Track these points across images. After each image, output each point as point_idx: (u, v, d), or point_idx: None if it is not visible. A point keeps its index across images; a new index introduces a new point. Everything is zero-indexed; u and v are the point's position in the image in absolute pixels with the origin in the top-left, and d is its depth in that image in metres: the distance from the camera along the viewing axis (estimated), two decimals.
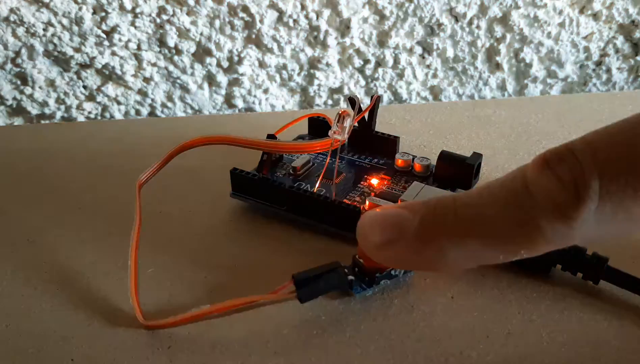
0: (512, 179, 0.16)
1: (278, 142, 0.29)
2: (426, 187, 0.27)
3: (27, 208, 0.30)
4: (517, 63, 0.48)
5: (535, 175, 0.16)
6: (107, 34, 0.41)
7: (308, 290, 0.22)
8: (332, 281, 0.23)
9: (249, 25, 0.42)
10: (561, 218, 0.15)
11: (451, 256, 0.17)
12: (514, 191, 0.16)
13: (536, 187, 0.16)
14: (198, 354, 0.22)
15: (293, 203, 0.28)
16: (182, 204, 0.30)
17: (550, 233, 0.16)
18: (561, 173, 0.15)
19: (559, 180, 0.15)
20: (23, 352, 0.22)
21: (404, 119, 0.40)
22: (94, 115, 0.45)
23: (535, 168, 0.16)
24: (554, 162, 0.16)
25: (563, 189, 0.15)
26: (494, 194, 0.16)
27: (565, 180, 0.15)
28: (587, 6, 0.46)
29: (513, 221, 0.16)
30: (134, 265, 0.24)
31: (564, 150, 0.16)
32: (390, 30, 0.44)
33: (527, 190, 0.16)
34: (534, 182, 0.16)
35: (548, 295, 0.24)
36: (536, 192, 0.16)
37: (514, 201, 0.16)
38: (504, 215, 0.16)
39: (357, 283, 0.24)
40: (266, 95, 0.46)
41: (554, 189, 0.15)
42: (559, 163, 0.15)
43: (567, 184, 0.15)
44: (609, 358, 0.21)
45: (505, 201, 0.16)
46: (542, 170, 0.16)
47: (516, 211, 0.16)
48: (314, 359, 0.22)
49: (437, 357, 0.22)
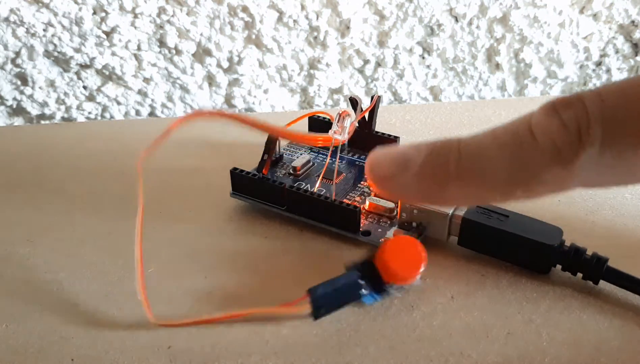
0: (517, 123, 0.17)
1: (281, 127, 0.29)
2: None
3: (27, 208, 0.30)
4: (517, 63, 0.48)
5: (541, 118, 0.16)
6: (107, 34, 0.41)
7: (323, 308, 0.22)
8: (348, 297, 0.23)
9: (249, 26, 0.42)
10: (560, 161, 0.16)
11: (450, 193, 0.18)
12: (516, 134, 0.16)
13: (539, 130, 0.16)
14: (198, 354, 0.22)
15: (293, 203, 0.28)
16: (182, 204, 0.30)
17: (548, 176, 0.16)
18: (566, 118, 0.15)
19: (563, 124, 0.15)
20: (23, 352, 0.22)
21: (404, 119, 0.40)
22: (94, 115, 0.45)
23: (541, 112, 0.16)
24: (561, 107, 0.16)
25: (566, 133, 0.15)
26: (497, 136, 0.17)
27: (569, 125, 0.15)
28: (587, 6, 0.46)
29: (512, 163, 0.16)
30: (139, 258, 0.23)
31: (573, 97, 0.16)
32: (390, 30, 0.44)
33: (530, 133, 0.16)
34: (538, 125, 0.16)
35: (548, 295, 0.24)
36: (539, 135, 0.16)
37: (516, 143, 0.16)
38: (504, 155, 0.16)
39: (368, 292, 0.23)
40: (266, 95, 0.46)
41: (556, 132, 0.16)
42: (566, 109, 0.16)
43: (570, 128, 0.15)
44: (609, 358, 0.21)
45: (507, 143, 0.17)
46: (548, 114, 0.16)
47: (516, 153, 0.16)
48: (314, 359, 0.22)
49: (437, 357, 0.22)
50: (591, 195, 0.31)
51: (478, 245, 0.26)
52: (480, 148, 0.17)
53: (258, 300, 0.24)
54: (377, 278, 0.23)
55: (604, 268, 0.24)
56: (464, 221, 0.26)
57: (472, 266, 0.26)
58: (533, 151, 0.16)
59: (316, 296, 0.22)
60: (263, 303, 0.24)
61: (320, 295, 0.22)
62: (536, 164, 0.16)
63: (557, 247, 0.24)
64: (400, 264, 0.23)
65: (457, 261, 0.26)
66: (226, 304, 0.24)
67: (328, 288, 0.22)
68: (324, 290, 0.22)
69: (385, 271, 0.23)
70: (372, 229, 0.27)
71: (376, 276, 0.23)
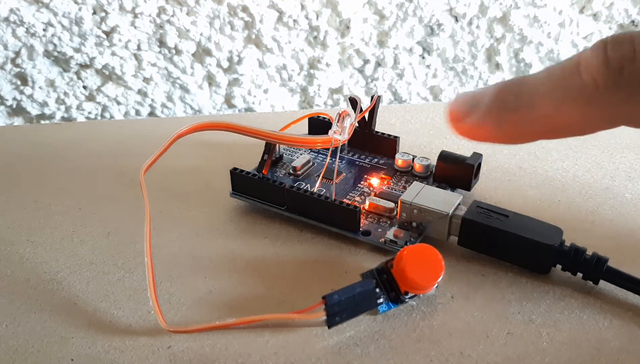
0: (570, 60, 0.17)
1: (281, 133, 0.29)
2: (426, 187, 0.27)
3: (26, 208, 0.30)
4: (517, 63, 0.48)
5: (589, 54, 0.17)
6: (107, 34, 0.41)
7: (338, 317, 0.22)
8: (364, 305, 0.22)
9: (249, 25, 0.42)
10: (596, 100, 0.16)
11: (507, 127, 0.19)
12: (566, 69, 0.17)
13: (584, 67, 0.17)
14: (198, 354, 0.22)
15: (293, 203, 0.28)
16: (182, 204, 0.30)
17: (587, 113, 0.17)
18: (612, 56, 0.16)
19: (607, 62, 0.16)
20: (23, 352, 0.22)
21: (404, 119, 0.40)
22: (94, 115, 0.45)
23: (592, 48, 0.17)
24: (611, 46, 0.16)
25: (607, 71, 0.16)
26: (551, 72, 0.18)
27: (612, 63, 0.16)
28: (587, 6, 0.46)
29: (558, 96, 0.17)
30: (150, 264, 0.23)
31: (624, 36, 0.16)
32: (390, 30, 0.44)
33: (576, 69, 0.17)
34: (585, 61, 0.17)
35: (548, 295, 0.24)
36: (583, 72, 0.17)
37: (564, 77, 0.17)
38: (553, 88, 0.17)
39: (383, 297, 0.23)
40: (266, 95, 0.46)
41: (598, 70, 0.16)
42: (614, 47, 0.16)
43: (612, 66, 0.16)
44: (609, 358, 0.21)
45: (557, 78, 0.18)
46: (597, 51, 0.16)
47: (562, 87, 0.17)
48: (314, 359, 0.22)
49: (437, 357, 0.22)
50: (591, 195, 0.31)
51: (478, 245, 0.26)
52: (535, 83, 0.18)
53: (258, 300, 0.24)
54: (393, 286, 0.23)
55: (604, 268, 0.24)
56: (464, 221, 0.26)
57: (472, 266, 0.26)
58: (576, 86, 0.17)
59: (331, 304, 0.21)
60: (263, 304, 0.24)
61: (335, 302, 0.21)
62: (577, 99, 0.17)
63: (557, 247, 0.24)
64: (418, 273, 0.22)
65: (457, 261, 0.26)
66: (226, 305, 0.24)
67: (344, 296, 0.22)
68: (340, 298, 0.21)
69: (403, 280, 0.23)
70: (372, 229, 0.27)
71: (393, 284, 0.23)
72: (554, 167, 0.34)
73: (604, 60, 0.16)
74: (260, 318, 0.22)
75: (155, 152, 0.27)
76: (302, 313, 0.22)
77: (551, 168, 0.34)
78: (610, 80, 0.16)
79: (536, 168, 0.34)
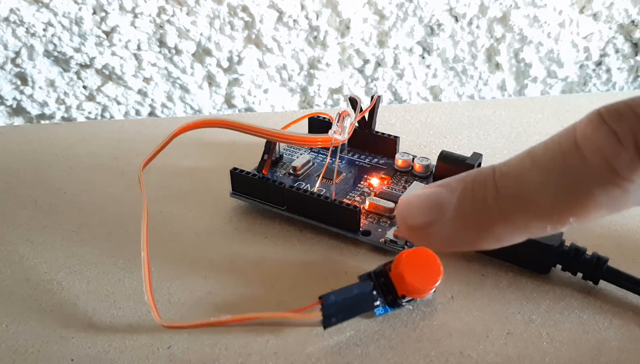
0: (558, 140, 0.15)
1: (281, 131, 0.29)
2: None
3: (27, 208, 0.30)
4: (517, 63, 0.48)
5: (588, 132, 0.14)
6: (107, 34, 0.41)
7: (334, 318, 0.21)
8: (360, 307, 0.22)
9: (249, 25, 0.42)
10: (617, 180, 0.14)
11: (495, 233, 0.16)
12: (561, 153, 0.14)
13: (589, 146, 0.14)
14: (198, 354, 0.22)
15: (293, 203, 0.28)
16: (182, 204, 0.30)
17: (603, 198, 0.14)
18: (619, 130, 0.13)
19: (617, 138, 0.13)
20: (23, 352, 0.22)
21: (404, 119, 0.40)
22: (94, 115, 0.45)
23: (588, 124, 0.14)
24: (612, 118, 0.14)
25: (621, 147, 0.13)
26: (538, 159, 0.15)
27: (623, 138, 0.13)
28: (587, 6, 0.46)
29: (561, 188, 0.14)
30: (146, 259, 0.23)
31: (623, 106, 0.14)
32: (390, 30, 0.44)
33: (577, 151, 0.14)
34: (587, 140, 0.14)
35: (548, 295, 0.24)
36: (588, 152, 0.14)
37: (562, 164, 0.14)
38: (550, 181, 0.14)
39: (380, 300, 0.23)
40: (266, 95, 0.46)
41: (610, 148, 0.14)
42: (618, 120, 0.14)
43: (625, 142, 0.13)
44: (609, 358, 0.21)
45: (551, 166, 0.14)
46: (598, 126, 0.14)
47: (564, 176, 0.14)
48: (314, 359, 0.22)
49: (437, 357, 0.22)
50: None
51: None
52: (520, 175, 0.15)
53: (258, 300, 0.24)
54: (391, 290, 0.23)
55: (604, 268, 0.24)
56: None
57: (472, 266, 0.26)
58: (583, 171, 0.14)
59: (328, 305, 0.21)
60: (263, 304, 0.24)
61: (332, 303, 0.21)
62: (588, 186, 0.14)
63: (557, 247, 0.24)
64: (416, 277, 0.22)
65: (457, 261, 0.26)
66: (226, 304, 0.24)
67: (340, 297, 0.21)
68: (337, 299, 0.21)
69: (401, 284, 0.22)
70: (372, 229, 0.27)
71: (390, 288, 0.23)
72: None
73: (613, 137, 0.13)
74: (256, 316, 0.22)
75: (155, 148, 0.27)
76: (298, 313, 0.22)
77: None
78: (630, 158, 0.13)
79: None
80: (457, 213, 0.16)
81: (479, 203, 0.16)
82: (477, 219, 0.16)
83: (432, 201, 0.16)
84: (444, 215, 0.16)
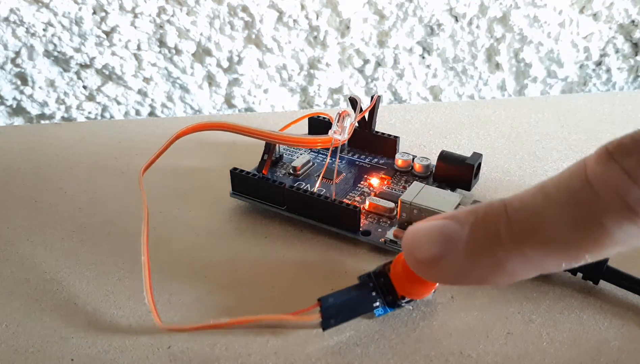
0: (569, 176, 0.15)
1: (280, 133, 0.29)
2: (426, 187, 0.27)
3: (27, 208, 0.30)
4: (517, 63, 0.48)
5: (599, 169, 0.14)
6: (107, 34, 0.41)
7: (333, 320, 0.21)
8: (359, 309, 0.22)
9: (249, 25, 0.42)
10: (631, 217, 0.14)
11: (508, 268, 0.15)
12: (573, 190, 0.15)
13: (600, 183, 0.14)
14: (198, 354, 0.22)
15: (293, 203, 0.28)
16: (182, 204, 0.30)
17: (618, 234, 0.14)
18: (629, 166, 0.14)
19: (627, 174, 0.14)
20: (23, 352, 0.22)
21: (404, 119, 0.40)
22: (94, 115, 0.45)
23: (598, 161, 0.14)
24: (620, 154, 0.14)
25: (632, 184, 0.14)
26: (550, 194, 0.15)
27: (634, 174, 0.14)
28: (587, 6, 0.46)
29: (575, 224, 0.14)
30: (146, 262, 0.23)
31: (630, 141, 0.14)
32: (390, 30, 0.44)
33: (589, 187, 0.14)
34: (597, 177, 0.14)
35: (548, 295, 0.24)
36: (600, 188, 0.14)
37: (575, 200, 0.14)
38: (564, 217, 0.15)
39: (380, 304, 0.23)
40: (266, 94, 0.46)
41: (621, 184, 0.14)
42: (626, 156, 0.14)
43: (636, 178, 0.14)
44: (609, 358, 0.21)
45: (565, 202, 0.15)
46: (607, 163, 0.14)
47: (578, 212, 0.14)
48: (314, 359, 0.22)
49: (437, 357, 0.22)
50: None
51: None
52: (534, 210, 0.15)
53: (258, 300, 0.24)
54: (390, 290, 0.22)
55: (604, 268, 0.24)
56: None
57: None
58: (596, 208, 0.14)
59: (327, 306, 0.21)
60: (263, 304, 0.24)
61: (331, 305, 0.21)
62: (603, 222, 0.14)
63: None
64: (416, 278, 0.21)
65: None
66: (226, 304, 0.24)
67: (339, 299, 0.21)
68: (335, 301, 0.21)
69: (400, 285, 0.22)
70: (372, 229, 0.27)
71: (390, 288, 0.22)
72: (554, 167, 0.34)
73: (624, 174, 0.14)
74: (255, 319, 0.22)
75: (155, 152, 0.27)
76: (296, 315, 0.22)
77: (551, 168, 0.34)
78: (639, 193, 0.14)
79: (536, 168, 0.34)
80: (469, 246, 0.16)
81: (492, 237, 0.15)
82: (490, 254, 0.15)
83: (442, 233, 0.16)
84: (454, 248, 0.16)
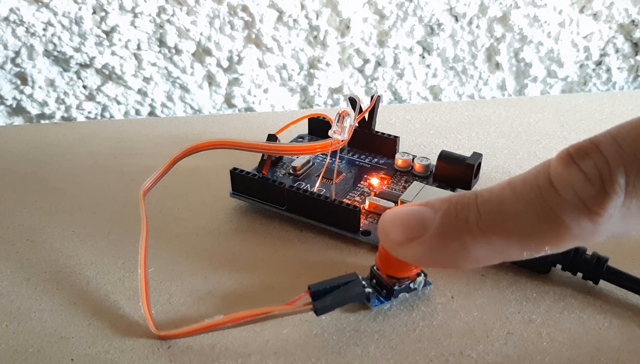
0: (535, 175, 0.16)
1: (279, 144, 0.29)
2: (426, 187, 0.27)
3: (27, 208, 0.30)
4: (517, 63, 0.48)
5: (560, 170, 0.16)
6: (107, 33, 0.41)
7: (325, 302, 0.22)
8: (349, 293, 0.22)
9: (249, 25, 0.42)
10: (587, 214, 0.15)
11: (474, 253, 0.17)
12: (537, 187, 0.16)
13: (561, 182, 0.16)
14: (198, 354, 0.22)
15: (293, 203, 0.28)
16: (182, 204, 0.30)
17: (575, 229, 0.16)
18: (586, 168, 0.15)
19: (585, 175, 0.15)
20: (23, 352, 0.22)
21: (404, 119, 0.40)
22: (94, 115, 0.45)
23: (559, 163, 0.16)
24: (579, 157, 0.15)
25: (588, 184, 0.15)
26: (517, 190, 0.16)
27: (590, 175, 0.15)
28: (587, 6, 0.46)
29: (537, 217, 0.16)
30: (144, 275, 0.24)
31: (589, 145, 0.15)
32: (390, 29, 0.44)
33: (551, 186, 0.16)
34: (559, 177, 0.16)
35: (548, 295, 0.24)
36: (561, 187, 0.15)
37: (538, 197, 0.16)
38: (528, 211, 0.16)
39: (374, 296, 0.23)
40: (266, 94, 0.46)
41: (579, 184, 0.15)
42: (584, 158, 0.15)
43: (592, 179, 0.15)
44: (609, 358, 0.21)
45: (529, 197, 0.16)
46: (567, 165, 0.16)
47: (540, 207, 0.16)
48: (314, 359, 0.22)
49: (437, 357, 0.22)
50: None
51: None
52: (501, 203, 0.16)
53: (258, 300, 0.24)
54: (383, 284, 0.23)
55: (604, 268, 0.24)
56: None
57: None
58: (557, 204, 0.15)
59: (316, 291, 0.22)
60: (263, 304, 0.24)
61: (320, 289, 0.22)
62: (562, 218, 0.15)
63: None
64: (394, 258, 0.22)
65: None
66: (226, 305, 0.24)
67: (327, 284, 0.22)
68: (324, 286, 0.22)
69: (386, 264, 0.23)
70: (372, 229, 0.27)
71: (382, 282, 0.23)
72: None
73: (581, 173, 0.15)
74: (249, 314, 0.22)
75: (154, 174, 0.27)
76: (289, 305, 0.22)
77: None
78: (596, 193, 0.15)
79: None
80: (439, 231, 0.17)
81: (461, 223, 0.17)
82: (457, 238, 0.17)
83: (416, 218, 0.17)
84: (425, 232, 0.17)
